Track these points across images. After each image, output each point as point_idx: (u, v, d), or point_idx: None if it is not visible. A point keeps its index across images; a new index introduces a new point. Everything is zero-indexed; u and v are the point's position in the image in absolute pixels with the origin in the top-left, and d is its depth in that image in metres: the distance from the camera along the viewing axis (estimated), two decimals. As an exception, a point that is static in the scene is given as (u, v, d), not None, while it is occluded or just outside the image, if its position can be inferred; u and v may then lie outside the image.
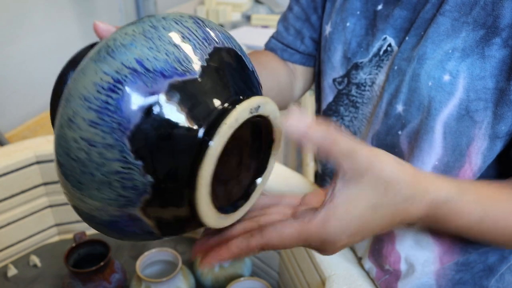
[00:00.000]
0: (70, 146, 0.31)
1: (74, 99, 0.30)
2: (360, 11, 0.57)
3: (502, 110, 0.46)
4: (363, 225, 0.36)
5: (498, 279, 0.57)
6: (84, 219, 0.35)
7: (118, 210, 0.32)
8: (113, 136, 0.30)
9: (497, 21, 0.45)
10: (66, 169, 0.32)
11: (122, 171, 0.31)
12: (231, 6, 2.35)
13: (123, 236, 0.36)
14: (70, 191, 0.33)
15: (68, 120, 0.30)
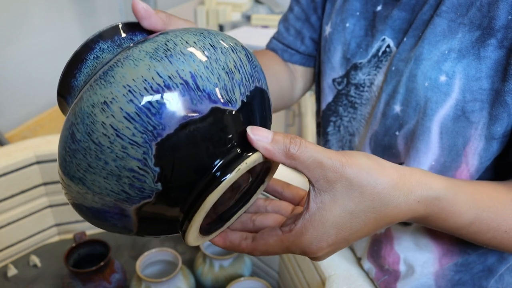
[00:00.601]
0: (96, 129, 0.30)
1: (116, 85, 0.30)
2: (359, 12, 0.58)
3: (497, 111, 0.46)
4: (342, 232, 0.36)
5: (498, 280, 0.57)
6: (71, 197, 0.34)
7: (113, 202, 0.32)
8: (143, 136, 0.30)
9: (493, 22, 0.45)
10: (80, 147, 0.31)
11: (137, 171, 0.31)
12: (231, 6, 2.35)
13: (101, 224, 0.36)
14: (71, 167, 0.32)
15: (103, 103, 0.30)
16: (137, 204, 0.33)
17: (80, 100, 0.31)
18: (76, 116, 0.31)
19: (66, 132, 0.32)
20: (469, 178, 0.50)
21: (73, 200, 0.34)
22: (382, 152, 0.55)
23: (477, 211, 0.43)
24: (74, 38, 1.36)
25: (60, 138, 0.33)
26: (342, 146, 0.63)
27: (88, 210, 0.34)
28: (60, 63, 0.68)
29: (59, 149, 0.33)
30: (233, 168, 0.32)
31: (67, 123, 0.32)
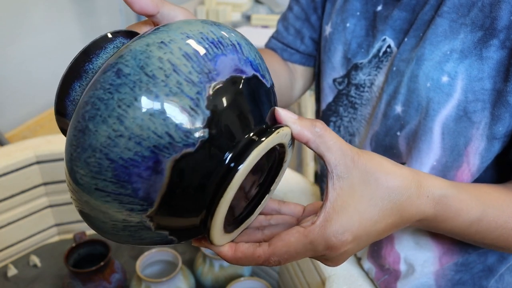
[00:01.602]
0: (151, 62, 0.30)
1: (174, 31, 0.31)
2: (360, 12, 0.58)
3: (499, 111, 0.46)
4: (364, 221, 0.35)
5: (498, 280, 0.57)
6: (93, 144, 0.30)
7: (152, 149, 0.30)
8: (199, 76, 0.31)
9: (495, 23, 0.45)
10: (128, 80, 0.30)
11: (188, 111, 0.30)
12: (231, 6, 2.35)
13: (119, 188, 0.31)
14: (110, 104, 0.30)
15: (160, 42, 0.31)
16: (177, 154, 0.30)
17: (126, 47, 0.31)
18: (124, 55, 0.30)
19: (106, 73, 0.30)
20: (470, 177, 0.50)
21: (97, 146, 0.30)
22: (383, 153, 0.55)
23: (483, 207, 0.43)
24: (74, 38, 1.36)
25: (92, 84, 0.31)
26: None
27: (112, 164, 0.30)
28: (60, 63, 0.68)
29: (89, 92, 0.31)
30: (269, 133, 0.32)
31: (108, 66, 0.31)
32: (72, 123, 0.31)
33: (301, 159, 1.79)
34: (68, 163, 0.31)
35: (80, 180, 0.31)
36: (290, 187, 0.79)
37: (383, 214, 0.36)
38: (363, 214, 0.35)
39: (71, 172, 0.31)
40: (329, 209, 0.35)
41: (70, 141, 0.31)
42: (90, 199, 0.31)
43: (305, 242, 0.34)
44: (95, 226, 0.34)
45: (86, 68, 0.35)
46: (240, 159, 0.31)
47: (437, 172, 0.51)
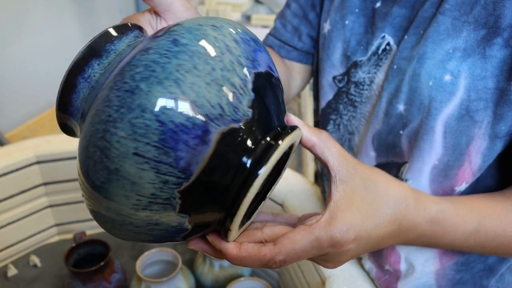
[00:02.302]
0: (207, 38, 0.32)
1: (221, 20, 0.35)
2: (358, 8, 0.57)
3: (502, 110, 0.46)
4: (366, 222, 0.37)
5: (498, 279, 0.57)
6: (146, 102, 0.30)
7: (203, 118, 0.30)
8: (246, 62, 0.33)
9: (499, 21, 0.44)
10: (187, 49, 0.31)
11: (238, 88, 0.32)
12: (231, 6, 2.35)
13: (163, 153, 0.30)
14: (168, 67, 0.30)
15: (213, 25, 0.33)
16: (225, 127, 0.31)
17: (178, 26, 0.33)
18: (177, 30, 0.32)
19: (160, 41, 0.32)
20: (471, 176, 0.50)
21: (148, 105, 0.29)
22: (386, 151, 0.55)
23: (480, 218, 0.44)
24: (74, 38, 1.36)
25: (140, 51, 0.31)
26: (341, 145, 0.63)
27: (161, 127, 0.29)
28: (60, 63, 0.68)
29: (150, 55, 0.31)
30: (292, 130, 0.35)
31: (158, 37, 0.32)
32: (113, 85, 0.30)
33: (301, 159, 1.79)
34: (102, 125, 0.30)
35: (117, 143, 0.29)
36: (290, 187, 0.79)
37: (383, 219, 0.38)
38: (365, 216, 0.37)
39: (104, 135, 0.30)
40: (333, 208, 0.36)
41: (109, 101, 0.30)
42: (123, 166, 0.30)
43: (311, 238, 0.35)
44: (108, 205, 0.32)
45: (108, 48, 0.35)
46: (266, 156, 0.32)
47: (438, 171, 0.51)
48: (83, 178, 0.33)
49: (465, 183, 0.50)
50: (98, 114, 0.30)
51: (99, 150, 0.30)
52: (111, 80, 0.31)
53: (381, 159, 0.56)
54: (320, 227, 0.35)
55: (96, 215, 0.35)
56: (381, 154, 0.56)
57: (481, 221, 0.44)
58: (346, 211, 0.36)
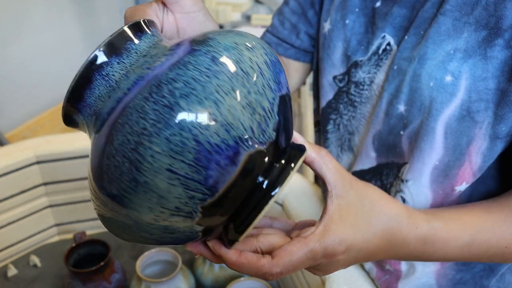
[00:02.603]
0: (244, 60, 0.32)
1: (252, 38, 0.35)
2: (358, 8, 0.57)
3: (503, 111, 0.46)
4: (358, 236, 0.39)
5: (499, 279, 0.57)
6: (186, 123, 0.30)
7: (235, 139, 0.31)
8: (274, 85, 0.34)
9: (500, 22, 0.44)
10: (226, 70, 0.31)
11: (267, 112, 0.33)
12: (231, 6, 2.35)
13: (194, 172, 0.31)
14: (208, 87, 0.30)
15: (246, 45, 0.34)
16: (253, 150, 0.32)
17: (212, 39, 0.33)
18: (213, 45, 0.32)
19: (198, 56, 0.31)
20: (471, 176, 0.50)
21: (187, 125, 0.29)
22: (386, 152, 0.55)
23: (471, 232, 0.45)
24: (74, 38, 1.36)
25: (177, 64, 0.31)
26: (341, 145, 0.63)
27: (198, 147, 0.30)
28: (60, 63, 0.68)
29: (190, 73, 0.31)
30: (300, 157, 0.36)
31: (195, 51, 0.32)
32: (148, 97, 0.30)
33: (301, 159, 1.79)
34: (135, 136, 0.30)
35: (151, 157, 0.29)
36: (290, 187, 0.79)
37: (374, 234, 0.40)
38: (357, 230, 0.38)
39: (137, 148, 0.30)
40: (328, 221, 0.38)
41: (144, 113, 0.30)
42: (153, 180, 0.30)
43: (306, 250, 0.37)
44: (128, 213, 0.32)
45: (128, 46, 0.35)
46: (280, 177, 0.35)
47: (439, 172, 0.50)
48: (99, 184, 0.32)
49: (465, 183, 0.50)
50: (130, 124, 0.30)
51: (129, 161, 0.30)
52: (145, 89, 0.31)
53: (381, 160, 0.56)
54: (315, 239, 0.37)
55: (107, 219, 0.35)
56: (381, 154, 0.56)
57: (473, 235, 0.45)
58: (339, 224, 0.38)
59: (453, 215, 0.46)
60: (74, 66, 1.43)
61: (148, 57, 0.34)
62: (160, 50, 0.35)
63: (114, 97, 0.33)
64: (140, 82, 0.32)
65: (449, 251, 0.45)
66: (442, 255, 0.45)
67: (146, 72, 0.32)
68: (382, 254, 0.42)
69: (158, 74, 0.31)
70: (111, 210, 0.33)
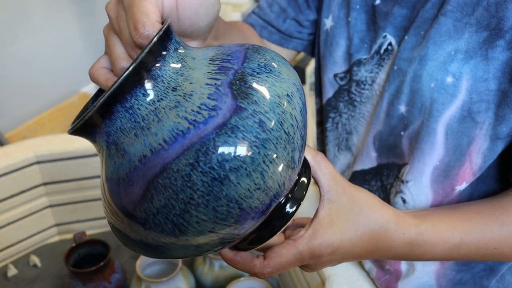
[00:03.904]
0: (286, 118, 0.31)
1: (288, 81, 0.33)
2: (359, 5, 0.56)
3: (503, 112, 0.45)
4: (344, 241, 0.40)
5: (499, 280, 0.57)
6: (225, 191, 0.30)
7: (271, 197, 0.32)
8: (302, 131, 0.34)
9: (501, 23, 0.44)
10: (272, 136, 0.30)
11: (296, 163, 0.33)
12: (231, 6, 2.35)
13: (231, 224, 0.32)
14: (257, 158, 0.30)
15: (287, 95, 0.32)
16: (283, 199, 0.35)
17: (255, 90, 0.31)
18: (262, 103, 0.31)
19: (246, 120, 0.30)
20: (472, 176, 0.50)
21: (235, 196, 0.30)
22: (387, 152, 0.55)
23: (460, 235, 0.46)
24: (74, 38, 1.36)
25: (226, 129, 0.29)
26: (338, 144, 0.63)
27: (240, 212, 0.31)
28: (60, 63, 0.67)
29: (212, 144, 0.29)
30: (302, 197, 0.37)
31: (242, 109, 0.30)
32: (195, 164, 0.29)
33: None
34: (180, 203, 0.29)
35: (196, 223, 0.30)
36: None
37: (361, 239, 0.41)
38: (344, 234, 0.40)
39: (183, 214, 0.30)
40: (316, 225, 0.39)
41: (192, 183, 0.29)
42: (195, 239, 0.32)
43: (294, 252, 0.39)
44: (158, 250, 0.34)
45: (154, 74, 0.31)
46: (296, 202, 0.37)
47: (439, 172, 0.50)
48: (132, 225, 0.32)
49: (466, 182, 0.50)
50: (175, 190, 0.29)
51: (172, 224, 0.30)
52: (189, 153, 0.29)
53: (382, 160, 0.56)
54: (303, 243, 0.39)
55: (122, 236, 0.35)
56: (382, 154, 0.56)
57: (462, 238, 0.46)
58: (327, 229, 0.39)
59: (443, 218, 0.46)
60: (74, 66, 1.42)
61: (179, 92, 0.31)
62: (193, 83, 0.31)
63: (146, 142, 0.30)
64: (181, 140, 0.29)
65: (437, 252, 0.46)
66: (430, 256, 0.46)
67: (187, 126, 0.29)
68: (369, 255, 0.43)
69: (203, 137, 0.29)
70: (136, 233, 0.33)
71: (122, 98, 0.30)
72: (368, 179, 0.58)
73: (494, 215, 0.47)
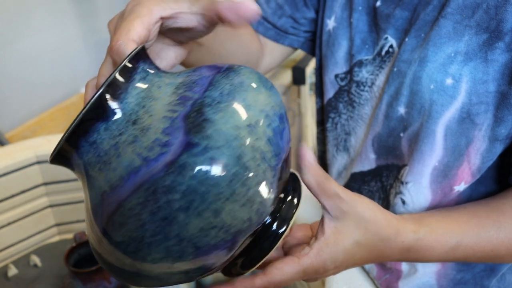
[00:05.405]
0: (245, 152, 0.29)
1: (254, 109, 0.30)
2: (362, 6, 0.56)
3: (502, 113, 0.46)
4: (348, 257, 0.40)
5: (499, 279, 0.57)
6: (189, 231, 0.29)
7: (234, 234, 0.32)
8: (276, 159, 0.31)
9: (501, 26, 0.44)
10: (228, 174, 0.28)
11: (267, 195, 0.32)
12: (231, 6, 2.34)
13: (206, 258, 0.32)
14: (207, 198, 0.28)
15: (248, 126, 0.29)
16: (251, 232, 0.33)
17: (210, 123, 0.28)
18: (214, 137, 0.28)
19: (197, 156, 0.28)
20: (470, 176, 0.50)
21: (186, 236, 0.29)
22: (386, 154, 0.55)
23: (457, 239, 0.46)
24: (75, 39, 1.36)
25: (176, 166, 0.28)
26: (336, 145, 0.63)
27: (197, 251, 0.30)
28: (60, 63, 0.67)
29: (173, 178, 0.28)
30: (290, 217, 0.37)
31: (195, 145, 0.28)
32: (144, 202, 0.28)
33: (301, 159, 1.79)
34: (134, 242, 0.29)
35: (151, 261, 0.30)
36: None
37: (362, 251, 0.41)
38: (348, 251, 0.40)
39: (137, 253, 0.29)
40: (322, 243, 0.39)
41: (142, 223, 0.28)
42: (154, 274, 0.31)
43: (298, 270, 0.38)
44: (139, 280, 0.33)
45: (115, 107, 0.30)
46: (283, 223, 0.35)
47: (438, 172, 0.50)
48: (97, 254, 0.33)
49: (464, 183, 0.50)
50: (128, 229, 0.29)
51: (129, 259, 0.30)
52: (140, 192, 0.28)
53: (381, 161, 0.56)
54: (307, 262, 0.39)
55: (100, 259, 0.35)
56: (381, 156, 0.56)
57: (459, 241, 0.46)
58: (333, 249, 0.39)
59: (440, 220, 0.47)
60: (74, 66, 1.43)
61: (138, 125, 0.30)
62: (152, 115, 0.30)
63: (107, 177, 0.30)
64: (134, 178, 0.28)
65: (434, 256, 0.46)
66: (427, 259, 0.46)
67: (139, 164, 0.28)
68: (369, 262, 0.43)
69: (152, 175, 0.28)
70: (109, 259, 0.33)
71: (85, 132, 0.30)
72: (367, 181, 0.58)
73: (491, 218, 0.47)
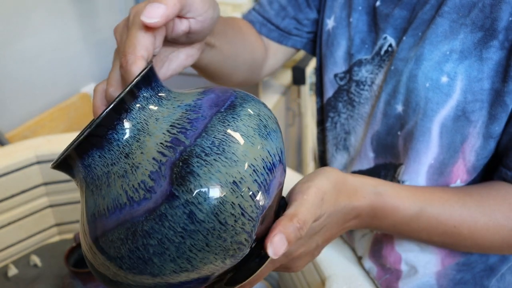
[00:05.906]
0: (224, 209, 0.30)
1: (241, 164, 0.31)
2: (362, 6, 0.57)
3: (496, 111, 0.46)
4: (328, 206, 0.40)
5: (499, 279, 0.57)
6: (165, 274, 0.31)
7: (207, 274, 0.33)
8: (257, 211, 0.32)
9: (495, 24, 0.45)
10: (202, 228, 0.29)
11: (243, 243, 0.32)
12: (231, 6, 2.35)
13: None
14: (182, 248, 0.30)
15: (233, 183, 0.30)
16: (223, 272, 0.34)
17: (194, 177, 0.29)
18: (196, 195, 0.29)
19: (176, 209, 0.29)
20: (465, 174, 0.50)
21: (159, 275, 0.31)
22: (384, 152, 0.55)
23: (421, 204, 0.46)
24: (75, 39, 1.36)
25: (156, 216, 0.29)
26: (336, 144, 0.63)
27: (170, 286, 0.32)
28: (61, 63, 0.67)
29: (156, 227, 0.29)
30: None
31: (175, 197, 0.29)
32: (124, 239, 0.30)
33: (301, 159, 1.79)
34: (113, 269, 0.31)
35: (128, 285, 0.32)
36: (287, 185, 0.79)
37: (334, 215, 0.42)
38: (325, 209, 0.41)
39: (115, 279, 0.32)
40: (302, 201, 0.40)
41: (120, 255, 0.30)
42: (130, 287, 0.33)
43: (316, 197, 0.39)
44: None
45: (110, 137, 0.31)
46: None
47: (434, 170, 0.51)
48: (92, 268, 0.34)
49: (460, 181, 0.51)
50: (108, 257, 0.31)
51: (108, 282, 0.33)
52: (121, 229, 0.30)
53: (379, 160, 0.56)
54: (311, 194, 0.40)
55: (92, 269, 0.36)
56: (379, 155, 0.56)
57: (423, 207, 0.46)
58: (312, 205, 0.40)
59: (404, 187, 0.47)
60: (75, 66, 1.43)
61: (130, 160, 0.31)
62: (144, 153, 0.31)
63: (96, 202, 0.31)
64: (118, 213, 0.30)
65: (397, 220, 0.45)
66: (392, 222, 0.46)
67: (124, 201, 0.30)
68: (341, 227, 0.44)
69: (134, 217, 0.30)
70: None
71: (82, 155, 0.31)
72: (366, 179, 0.58)
73: (457, 195, 0.47)
